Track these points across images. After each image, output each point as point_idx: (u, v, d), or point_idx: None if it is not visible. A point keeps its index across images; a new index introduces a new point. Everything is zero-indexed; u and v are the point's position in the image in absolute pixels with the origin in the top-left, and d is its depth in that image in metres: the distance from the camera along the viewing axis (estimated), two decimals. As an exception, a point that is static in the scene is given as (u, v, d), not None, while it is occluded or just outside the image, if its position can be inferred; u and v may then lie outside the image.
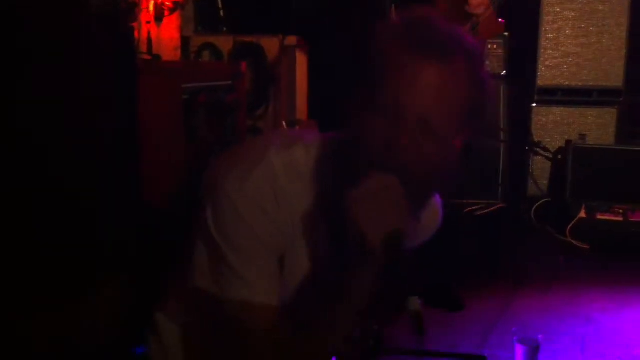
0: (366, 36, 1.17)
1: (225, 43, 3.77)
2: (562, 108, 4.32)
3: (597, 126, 4.26)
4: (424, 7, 1.18)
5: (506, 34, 4.23)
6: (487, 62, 3.88)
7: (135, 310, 1.72)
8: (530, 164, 4.35)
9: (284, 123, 3.68)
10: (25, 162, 1.86)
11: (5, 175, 1.81)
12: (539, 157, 4.33)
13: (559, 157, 4.20)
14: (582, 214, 3.76)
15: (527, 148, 4.32)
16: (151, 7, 3.56)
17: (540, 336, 2.14)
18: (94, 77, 2.03)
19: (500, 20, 4.18)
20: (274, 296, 1.20)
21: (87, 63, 2.01)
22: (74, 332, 1.91)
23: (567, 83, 4.30)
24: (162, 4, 3.61)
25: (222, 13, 3.98)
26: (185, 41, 3.87)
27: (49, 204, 1.90)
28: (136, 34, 3.22)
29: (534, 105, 4.34)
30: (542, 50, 4.30)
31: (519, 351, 2.11)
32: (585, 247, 3.63)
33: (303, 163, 1.21)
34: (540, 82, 4.32)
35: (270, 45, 3.70)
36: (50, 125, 1.91)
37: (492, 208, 4.13)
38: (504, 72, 4.26)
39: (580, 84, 4.28)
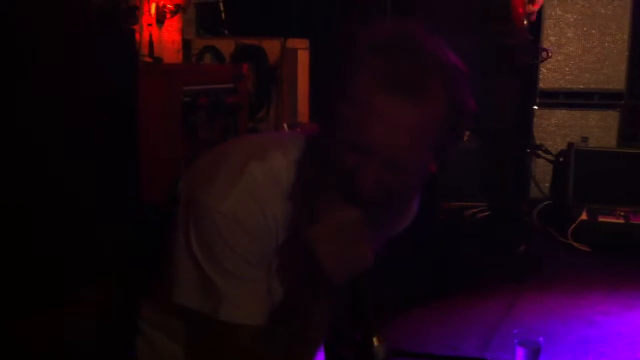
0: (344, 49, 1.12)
1: (226, 46, 3.79)
2: (564, 111, 4.32)
3: (599, 129, 4.26)
4: (403, 21, 1.12)
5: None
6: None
7: (135, 311, 1.72)
8: (532, 166, 4.34)
9: (285, 125, 3.68)
10: (25, 162, 1.86)
11: (5, 175, 1.82)
12: (541, 160, 4.33)
13: (561, 159, 4.19)
14: (584, 216, 3.74)
15: (529, 150, 4.31)
16: (153, 10, 3.56)
17: (541, 339, 2.13)
18: (94, 77, 2.04)
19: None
20: (259, 316, 1.18)
21: (87, 63, 2.01)
22: (73, 332, 1.91)
23: (569, 86, 4.29)
24: (164, 6, 3.61)
25: (223, 16, 3.99)
26: (186, 44, 3.87)
27: (48, 204, 1.90)
28: (137, 36, 3.22)
29: (536, 108, 4.34)
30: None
31: (520, 354, 2.10)
32: (586, 249, 3.62)
33: (283, 172, 1.17)
34: (542, 85, 4.32)
35: (272, 47, 3.72)
36: (50, 125, 1.91)
37: (494, 211, 4.12)
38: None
39: (582, 86, 4.28)
